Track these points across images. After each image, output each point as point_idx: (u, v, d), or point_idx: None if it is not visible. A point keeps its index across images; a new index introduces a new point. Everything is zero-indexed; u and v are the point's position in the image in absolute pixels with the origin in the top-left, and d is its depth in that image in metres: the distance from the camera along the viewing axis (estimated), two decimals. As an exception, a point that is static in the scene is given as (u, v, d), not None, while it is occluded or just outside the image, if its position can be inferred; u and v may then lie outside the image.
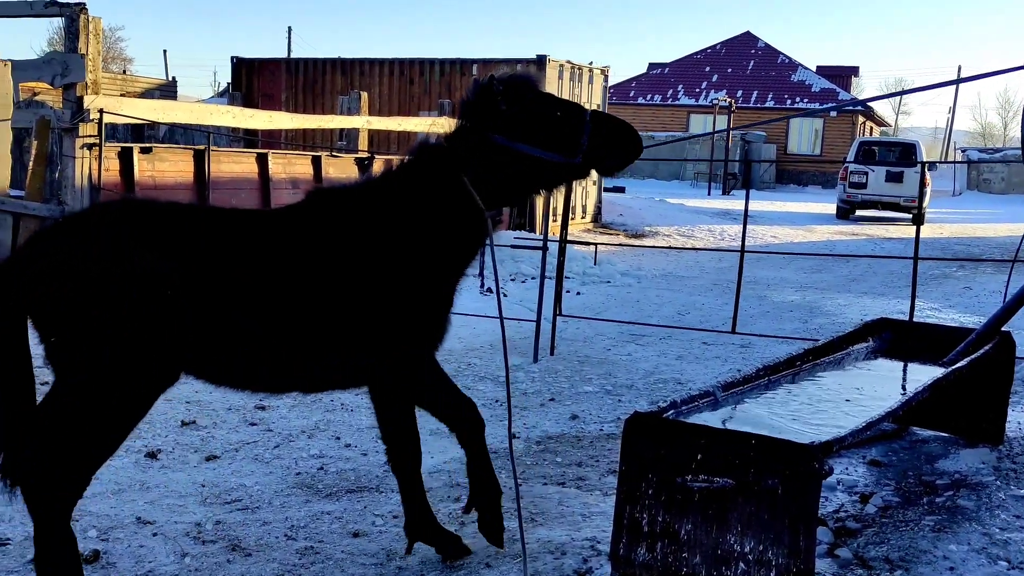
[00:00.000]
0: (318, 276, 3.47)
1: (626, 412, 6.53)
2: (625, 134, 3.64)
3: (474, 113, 3.62)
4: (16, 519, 4.32)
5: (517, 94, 3.55)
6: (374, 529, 4.39)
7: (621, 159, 3.66)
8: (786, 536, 3.36)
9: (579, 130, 3.57)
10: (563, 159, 3.57)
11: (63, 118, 8.97)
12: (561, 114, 3.59)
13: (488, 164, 3.57)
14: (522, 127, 3.54)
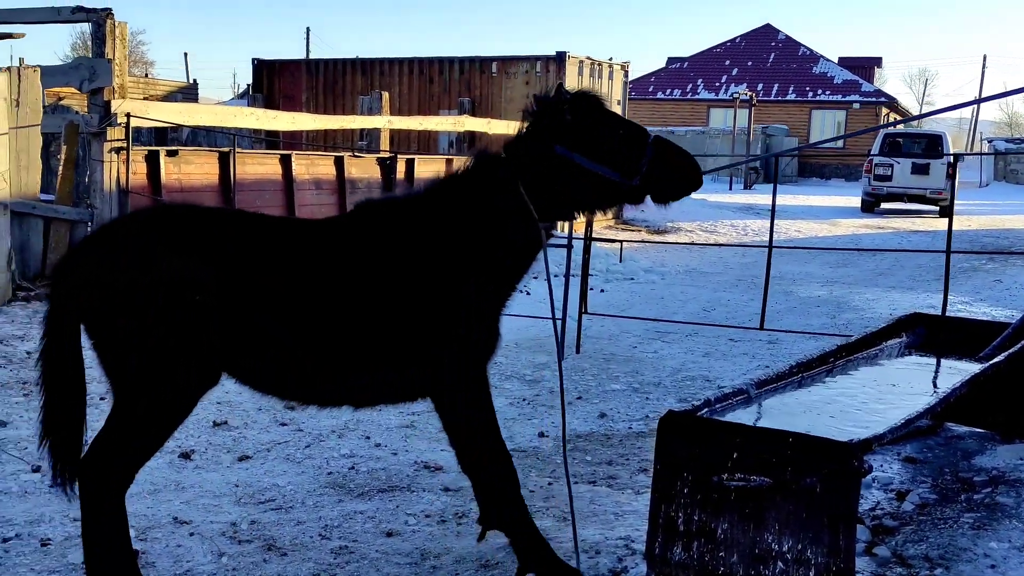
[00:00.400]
0: (368, 286, 3.45)
1: (655, 410, 6.55)
2: (685, 164, 3.58)
3: (537, 122, 3.58)
4: (56, 519, 4.37)
5: (583, 108, 3.52)
6: (407, 528, 4.40)
7: (678, 189, 3.58)
8: (825, 535, 3.34)
9: (640, 153, 3.50)
10: (621, 179, 3.52)
11: (91, 123, 9.04)
12: (624, 134, 3.54)
13: (545, 174, 3.53)
14: (584, 141, 3.50)
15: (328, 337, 3.41)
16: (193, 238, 3.33)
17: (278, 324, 3.35)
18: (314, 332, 3.38)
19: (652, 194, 3.61)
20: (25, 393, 6.32)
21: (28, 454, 5.21)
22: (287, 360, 3.41)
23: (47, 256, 9.19)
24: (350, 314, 3.41)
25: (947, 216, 24.73)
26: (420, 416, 6.22)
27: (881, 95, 47.11)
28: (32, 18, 9.38)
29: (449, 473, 5.16)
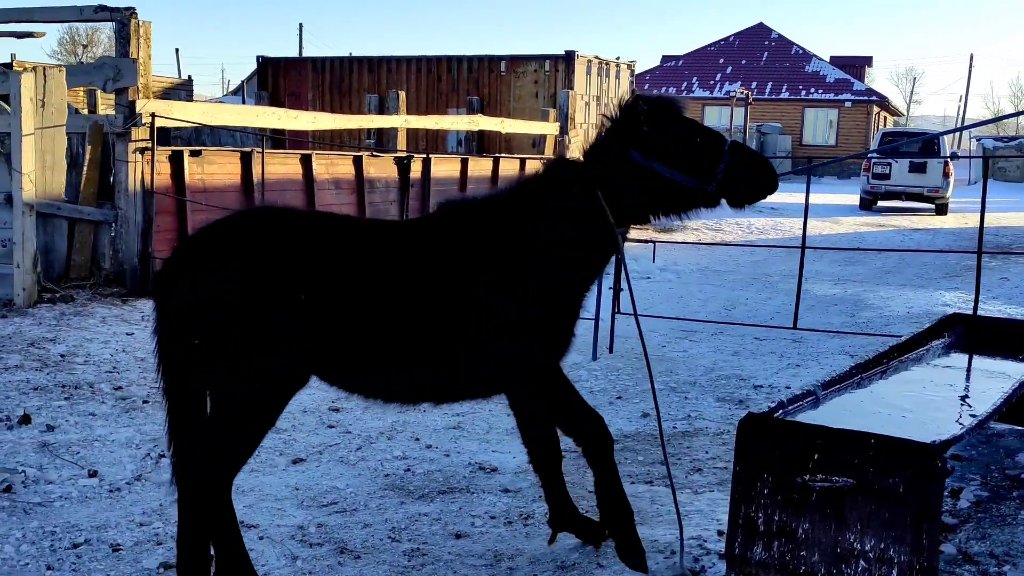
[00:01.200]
0: (449, 286, 3.52)
1: (695, 409, 6.62)
2: (762, 168, 3.66)
3: (615, 130, 3.65)
4: (123, 524, 4.39)
5: (660, 115, 3.59)
6: (474, 530, 4.44)
7: (755, 192, 3.68)
8: (908, 534, 3.39)
9: (717, 159, 3.58)
10: (697, 185, 3.59)
11: (115, 123, 9.03)
12: (700, 141, 3.60)
13: (622, 181, 3.62)
14: (661, 148, 3.57)
15: (415, 335, 3.48)
16: (285, 242, 3.39)
17: (370, 324, 3.41)
18: (403, 331, 3.46)
19: (728, 198, 3.69)
20: (67, 396, 6.33)
21: (81, 459, 5.23)
22: (377, 359, 3.48)
23: (71, 257, 9.19)
24: (436, 313, 3.49)
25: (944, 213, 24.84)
26: (466, 417, 6.27)
27: (873, 94, 47.34)
28: (55, 17, 9.37)
29: (505, 474, 5.21)
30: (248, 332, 3.28)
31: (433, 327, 3.50)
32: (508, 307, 3.56)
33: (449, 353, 3.55)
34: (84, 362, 7.13)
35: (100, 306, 8.82)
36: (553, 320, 3.66)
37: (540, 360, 3.66)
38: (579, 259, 3.68)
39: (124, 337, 7.92)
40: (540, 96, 18.00)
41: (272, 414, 3.43)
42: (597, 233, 3.66)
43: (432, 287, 3.51)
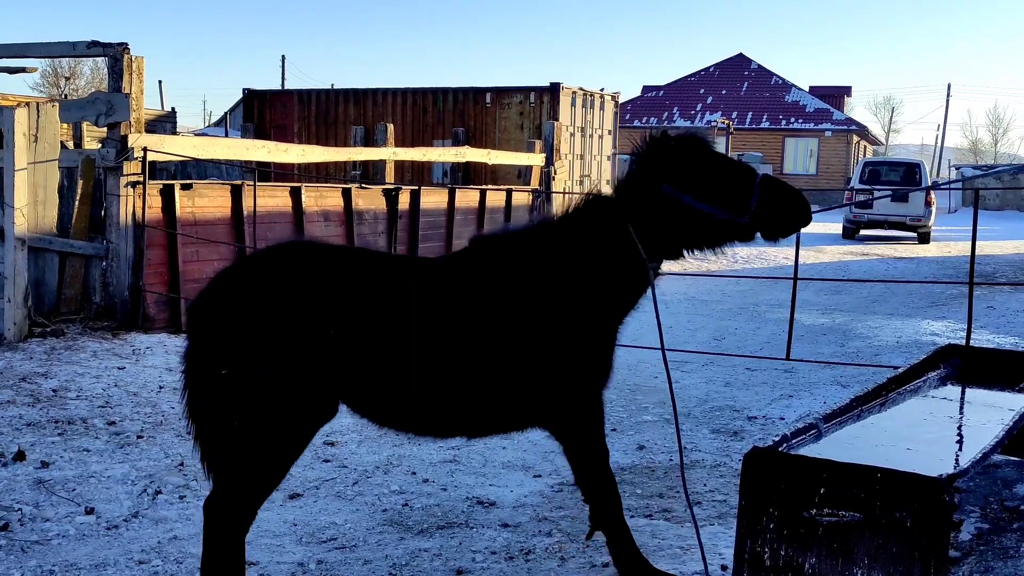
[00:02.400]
0: (484, 320, 3.56)
1: (690, 441, 6.62)
2: (795, 201, 3.71)
3: (645, 165, 3.70)
4: (121, 563, 4.34)
5: (689, 150, 3.65)
6: (476, 566, 4.42)
7: (788, 225, 3.73)
8: (916, 569, 3.40)
9: (748, 192, 3.63)
10: (730, 217, 3.63)
11: (107, 157, 9.02)
12: (732, 174, 3.66)
13: (654, 215, 3.66)
14: (692, 182, 3.62)
15: (448, 370, 3.51)
16: (317, 277, 3.44)
17: (404, 360, 3.44)
18: (434, 365, 3.48)
19: (762, 231, 3.73)
20: (60, 432, 6.27)
21: (77, 495, 5.18)
22: (408, 393, 3.49)
23: (62, 291, 9.13)
24: (469, 348, 3.52)
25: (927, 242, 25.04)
26: (461, 451, 6.25)
27: (852, 123, 47.90)
28: (47, 52, 9.38)
29: (504, 509, 5.19)
30: (277, 364, 3.31)
31: (470, 361, 3.53)
32: (544, 340, 3.60)
33: (485, 387, 3.58)
34: (76, 397, 7.08)
35: (91, 340, 8.76)
36: (588, 354, 3.69)
37: (579, 393, 3.70)
38: (611, 294, 3.72)
39: (116, 371, 7.87)
40: (525, 127, 18.11)
41: (300, 445, 3.48)
42: (629, 268, 3.69)
43: (466, 322, 3.54)
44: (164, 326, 9.47)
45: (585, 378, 3.73)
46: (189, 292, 9.69)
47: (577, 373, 3.69)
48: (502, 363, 3.56)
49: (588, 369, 3.73)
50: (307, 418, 3.44)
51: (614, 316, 3.79)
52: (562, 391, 3.68)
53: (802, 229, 3.87)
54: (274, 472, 3.47)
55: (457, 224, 13.98)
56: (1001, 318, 12.50)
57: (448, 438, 3.90)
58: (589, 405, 3.79)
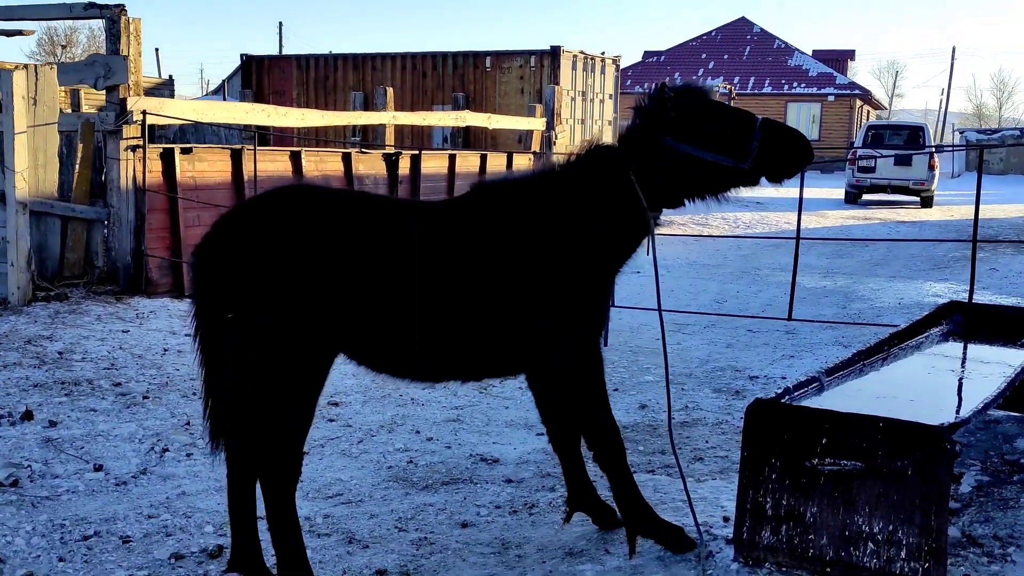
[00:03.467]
0: (483, 265, 3.58)
1: (692, 400, 6.66)
2: (796, 141, 3.73)
3: (644, 117, 3.71)
4: (131, 517, 4.39)
5: (687, 102, 3.65)
6: (480, 519, 4.46)
7: (791, 166, 3.75)
8: (917, 516, 3.44)
9: (749, 136, 3.65)
10: (733, 163, 3.65)
11: (107, 120, 8.99)
12: (731, 121, 3.67)
13: (655, 165, 3.67)
14: (692, 132, 3.64)
15: (445, 313, 3.53)
16: (316, 221, 3.43)
17: (402, 302, 3.45)
18: (434, 310, 3.50)
19: (766, 174, 3.75)
20: (67, 393, 6.31)
21: (86, 453, 5.22)
22: (408, 338, 3.51)
23: (64, 256, 9.14)
24: (466, 291, 3.54)
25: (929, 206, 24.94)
26: (465, 410, 6.29)
27: (855, 87, 47.58)
28: (44, 15, 9.32)
29: (507, 465, 5.23)
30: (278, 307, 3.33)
31: (468, 305, 3.55)
32: (542, 285, 3.62)
33: (483, 332, 3.61)
34: (82, 359, 7.11)
35: (94, 304, 8.79)
36: (585, 299, 3.72)
37: (567, 339, 3.72)
38: (610, 241, 3.73)
39: (120, 335, 7.90)
40: (526, 92, 18.02)
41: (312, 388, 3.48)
42: (629, 216, 3.71)
43: (467, 265, 3.56)
44: (167, 290, 9.49)
45: (581, 323, 3.74)
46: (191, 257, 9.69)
47: (573, 318, 3.71)
48: (499, 307, 3.58)
49: (584, 314, 3.74)
50: (313, 362, 3.44)
51: (612, 263, 3.80)
52: (558, 336, 3.70)
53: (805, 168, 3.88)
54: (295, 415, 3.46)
55: (458, 189, 13.95)
56: (1004, 279, 12.51)
57: (444, 382, 3.92)
58: (585, 350, 3.81)
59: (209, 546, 4.08)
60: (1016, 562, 3.80)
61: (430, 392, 6.70)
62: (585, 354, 3.82)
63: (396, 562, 3.98)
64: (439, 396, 6.60)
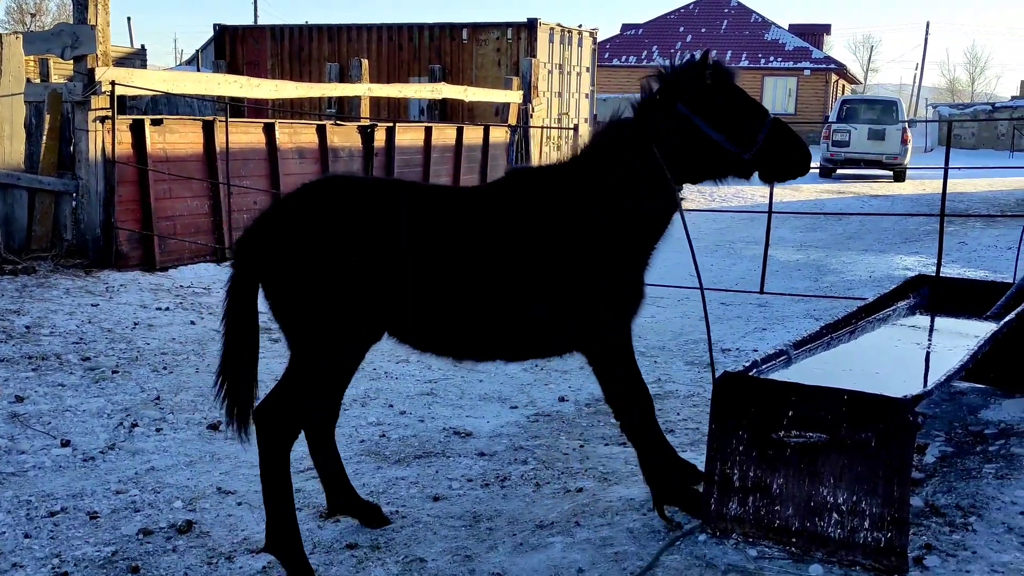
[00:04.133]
0: (523, 248, 3.61)
1: (665, 373, 6.70)
2: (799, 148, 3.74)
3: (669, 83, 3.70)
4: (99, 492, 4.37)
5: (719, 74, 3.66)
6: (452, 493, 4.48)
7: (787, 170, 3.76)
8: (881, 487, 3.49)
9: (757, 129, 3.66)
10: (736, 149, 3.65)
11: (74, 91, 8.85)
12: (745, 109, 3.68)
13: (670, 135, 3.67)
14: (708, 107, 3.64)
15: (488, 295, 3.58)
16: (361, 208, 3.50)
17: (447, 285, 3.52)
18: (474, 291, 3.56)
19: (762, 171, 3.77)
20: (34, 368, 6.25)
21: (53, 429, 5.18)
22: (450, 318, 3.58)
23: (32, 228, 9.03)
24: (508, 274, 3.59)
25: (902, 180, 25.11)
26: (439, 384, 6.29)
27: (831, 62, 47.64)
28: (9, -16, 9.15)
29: (480, 439, 5.25)
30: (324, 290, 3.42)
31: (510, 288, 3.60)
32: (574, 268, 3.64)
33: (524, 313, 3.64)
34: (50, 333, 7.04)
35: (63, 277, 8.70)
36: (618, 280, 3.75)
37: (615, 318, 3.76)
38: (642, 216, 3.75)
39: (89, 308, 7.82)
40: (503, 64, 17.91)
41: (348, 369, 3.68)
42: (658, 191, 3.72)
43: (508, 249, 3.60)
44: (137, 263, 9.40)
45: (623, 305, 3.79)
46: (162, 229, 9.61)
47: (616, 301, 3.75)
48: (543, 292, 3.62)
49: (625, 296, 3.78)
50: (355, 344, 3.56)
51: (647, 240, 3.83)
52: (601, 318, 3.74)
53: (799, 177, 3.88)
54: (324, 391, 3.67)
55: (434, 162, 13.88)
56: (973, 253, 12.63)
57: (488, 361, 3.94)
58: (625, 330, 3.86)
59: (178, 521, 4.07)
60: (977, 531, 3.86)
61: (404, 365, 6.70)
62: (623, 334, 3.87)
63: (369, 535, 3.99)
64: (413, 370, 6.60)
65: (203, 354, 6.84)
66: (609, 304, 3.74)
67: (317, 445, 4.02)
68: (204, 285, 9.20)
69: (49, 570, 3.63)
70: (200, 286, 9.13)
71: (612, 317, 3.78)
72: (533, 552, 3.77)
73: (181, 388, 6.01)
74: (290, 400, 3.56)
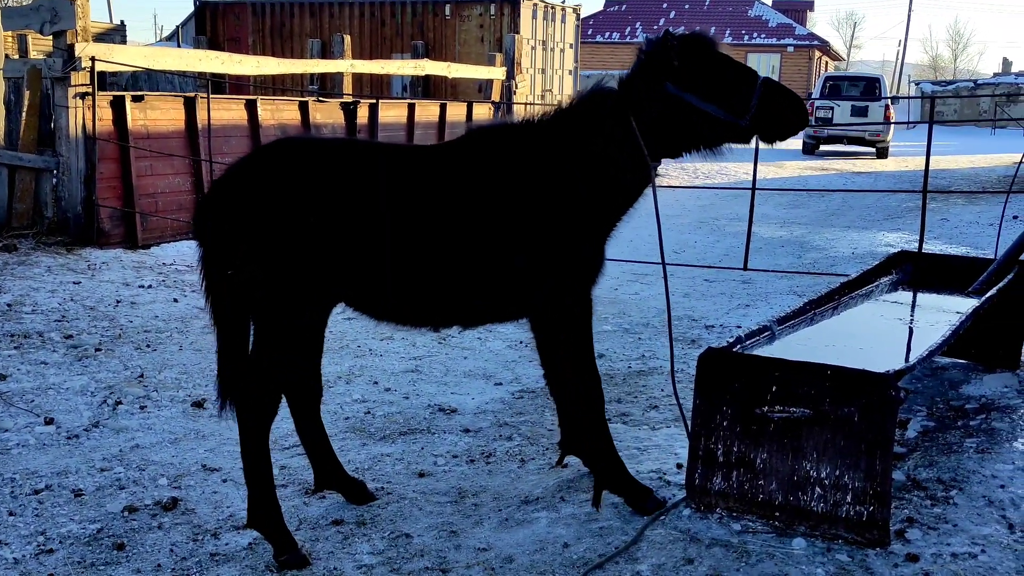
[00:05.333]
0: (480, 210, 3.56)
1: (649, 349, 6.72)
2: (793, 104, 3.69)
3: (647, 64, 3.66)
4: (83, 470, 4.36)
5: (693, 50, 3.60)
6: (438, 469, 4.49)
7: (786, 128, 3.71)
8: (863, 461, 3.52)
9: (750, 93, 3.60)
10: (731, 118, 3.61)
11: (54, 67, 8.75)
12: (734, 75, 3.63)
13: (657, 112, 3.63)
14: (695, 81, 3.59)
15: (442, 258, 3.54)
16: (307, 171, 3.46)
17: (392, 248, 3.47)
18: (429, 254, 3.52)
19: (761, 133, 3.73)
20: (16, 346, 6.22)
21: (36, 407, 5.16)
22: (402, 283, 3.54)
23: (12, 206, 8.95)
24: (463, 236, 3.54)
25: (885, 157, 25.17)
26: (423, 361, 6.30)
27: (814, 39, 47.66)
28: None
29: (465, 415, 5.26)
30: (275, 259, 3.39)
31: (466, 250, 3.55)
32: (531, 231, 3.59)
33: (484, 278, 3.61)
34: (32, 311, 7.00)
35: (44, 255, 8.63)
36: (584, 246, 3.70)
37: (564, 285, 3.71)
38: (611, 188, 3.70)
39: (71, 286, 7.77)
40: (486, 41, 17.82)
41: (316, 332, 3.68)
42: (630, 162, 3.67)
43: (464, 210, 3.55)
44: (119, 241, 9.33)
45: (578, 272, 3.73)
46: (143, 207, 9.54)
47: (572, 267, 3.69)
48: (499, 254, 3.57)
49: (582, 264, 3.72)
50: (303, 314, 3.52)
51: (612, 211, 3.77)
52: (555, 284, 3.68)
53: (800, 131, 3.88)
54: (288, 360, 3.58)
55: (417, 139, 13.81)
56: (955, 229, 12.70)
57: (445, 327, 3.93)
58: (580, 300, 3.79)
59: (163, 498, 4.07)
60: (958, 504, 3.91)
61: (388, 343, 6.70)
62: (582, 301, 3.80)
63: (353, 512, 4.00)
64: (397, 347, 6.60)
65: (186, 332, 6.82)
66: (570, 267, 3.68)
67: (303, 420, 4.01)
68: (187, 262, 9.15)
69: (34, 547, 3.63)
70: (183, 263, 9.08)
71: (572, 282, 3.72)
72: (518, 527, 3.79)
73: (165, 366, 5.99)
74: (262, 370, 3.53)
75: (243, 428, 3.59)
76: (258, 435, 3.59)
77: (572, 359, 3.86)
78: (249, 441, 3.59)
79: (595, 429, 3.95)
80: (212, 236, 3.51)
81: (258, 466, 3.61)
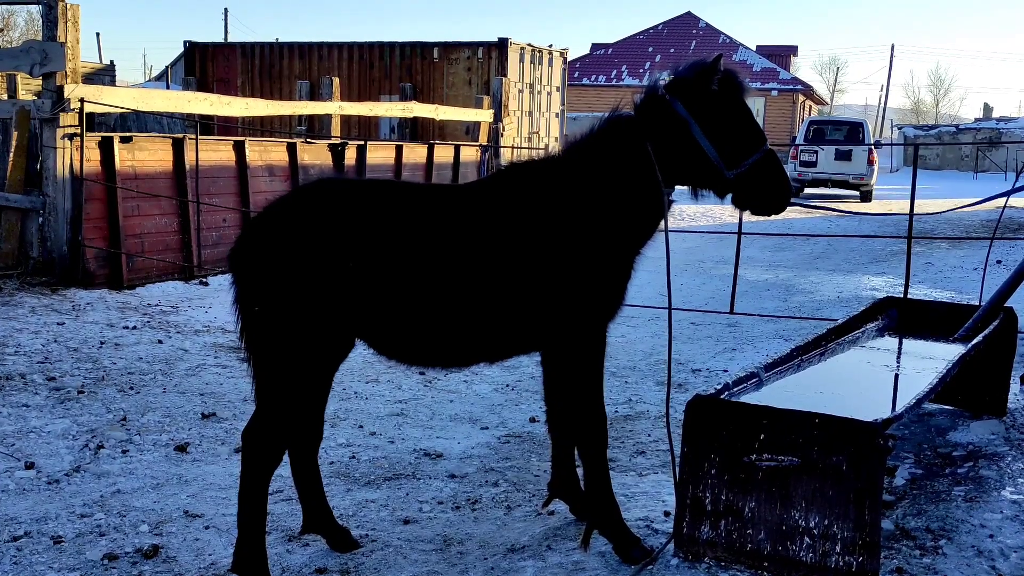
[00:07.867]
0: (501, 247, 3.56)
1: (635, 394, 6.71)
2: (782, 185, 3.69)
3: (676, 82, 3.65)
4: (63, 516, 4.30)
5: (726, 85, 3.60)
6: (423, 516, 4.44)
7: (764, 201, 3.70)
8: (852, 510, 3.50)
9: (749, 152, 3.60)
10: (720, 164, 3.60)
11: (43, 108, 8.76)
12: (745, 128, 3.62)
13: (664, 134, 3.62)
14: (706, 113, 3.58)
15: (467, 297, 3.53)
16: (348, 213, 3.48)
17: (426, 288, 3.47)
18: (471, 293, 3.52)
19: (739, 194, 3.70)
20: (-2, 388, 6.15)
21: (17, 450, 5.10)
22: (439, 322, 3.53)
23: (-2, 246, 8.91)
24: (487, 275, 3.54)
25: (868, 200, 25.36)
26: (409, 404, 6.26)
27: (798, 83, 48.24)
28: (-23, -1, 9.04)
29: (451, 460, 5.22)
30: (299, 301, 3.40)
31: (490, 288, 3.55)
32: (562, 266, 3.58)
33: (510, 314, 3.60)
34: (15, 352, 6.93)
35: (29, 295, 8.58)
36: (604, 280, 3.68)
37: (591, 319, 3.69)
38: (628, 221, 3.69)
39: (55, 327, 7.71)
40: (473, 83, 17.97)
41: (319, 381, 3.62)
42: (646, 193, 3.66)
43: (488, 248, 3.55)
44: (104, 281, 9.28)
45: (600, 307, 3.71)
46: (130, 247, 9.51)
47: (594, 301, 3.67)
48: (516, 289, 3.56)
49: (604, 298, 3.71)
50: (324, 356, 3.53)
51: (631, 243, 3.75)
52: (576, 318, 3.66)
53: (771, 216, 3.85)
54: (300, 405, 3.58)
55: (405, 180, 13.87)
56: (939, 273, 12.78)
57: (467, 366, 3.92)
58: (598, 335, 3.76)
59: (144, 546, 4.00)
60: (947, 554, 3.89)
61: (373, 385, 6.66)
62: (599, 337, 3.78)
63: (339, 560, 3.95)
64: (383, 390, 6.57)
65: (170, 373, 6.76)
66: (593, 301, 3.66)
67: (301, 463, 3.96)
68: (172, 303, 9.10)
69: (11, 598, 3.56)
70: (168, 304, 9.04)
71: (593, 316, 3.70)
72: (505, 577, 3.74)
73: (148, 408, 5.93)
74: (276, 421, 3.53)
75: (247, 470, 3.56)
76: (261, 479, 3.56)
77: (583, 394, 3.81)
78: (250, 484, 3.56)
79: (596, 468, 3.89)
80: (249, 273, 3.51)
81: (254, 511, 3.58)
